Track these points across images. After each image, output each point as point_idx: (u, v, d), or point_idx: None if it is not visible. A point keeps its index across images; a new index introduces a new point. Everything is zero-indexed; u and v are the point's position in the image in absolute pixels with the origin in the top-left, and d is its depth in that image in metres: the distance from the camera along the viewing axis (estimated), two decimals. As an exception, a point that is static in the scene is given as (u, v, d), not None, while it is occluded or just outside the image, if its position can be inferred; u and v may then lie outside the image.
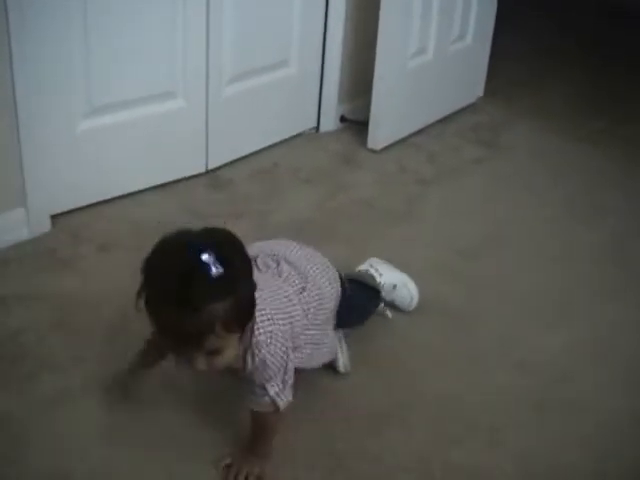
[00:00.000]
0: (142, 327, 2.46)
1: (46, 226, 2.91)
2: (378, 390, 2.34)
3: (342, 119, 3.85)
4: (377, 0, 3.38)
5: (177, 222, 2.95)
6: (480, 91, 4.25)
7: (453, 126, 3.97)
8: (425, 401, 2.33)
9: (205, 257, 1.68)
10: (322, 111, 3.80)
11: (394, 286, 2.60)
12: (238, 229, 2.94)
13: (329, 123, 3.82)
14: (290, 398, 1.99)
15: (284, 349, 1.93)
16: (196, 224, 2.93)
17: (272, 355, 1.90)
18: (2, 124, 2.68)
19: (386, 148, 3.68)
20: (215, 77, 3.24)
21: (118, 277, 2.71)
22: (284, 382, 1.96)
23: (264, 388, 1.95)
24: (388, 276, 2.61)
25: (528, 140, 3.91)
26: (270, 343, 1.89)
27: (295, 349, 2.02)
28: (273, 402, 1.97)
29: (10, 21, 2.55)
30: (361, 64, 3.68)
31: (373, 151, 3.66)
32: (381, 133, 3.65)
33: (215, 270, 1.68)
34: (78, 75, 2.85)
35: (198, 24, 3.10)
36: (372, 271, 2.60)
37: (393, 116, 3.66)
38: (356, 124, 3.80)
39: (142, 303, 1.78)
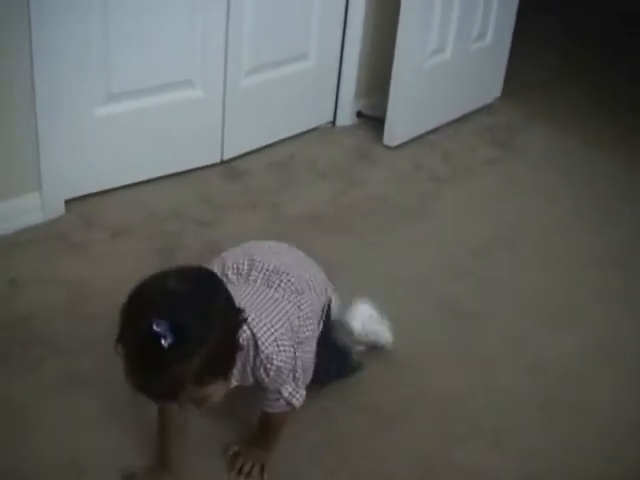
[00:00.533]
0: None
1: (60, 210, 2.93)
2: (384, 389, 2.34)
3: (359, 114, 3.85)
4: (398, -3, 3.40)
5: (191, 211, 3.01)
6: (497, 92, 4.24)
7: (469, 126, 3.97)
8: (430, 400, 2.33)
9: (156, 328, 1.60)
10: (339, 106, 3.80)
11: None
12: (251, 220, 3.01)
13: (345, 118, 3.82)
14: (304, 393, 1.98)
15: (292, 350, 1.91)
16: (210, 214, 2.97)
17: (284, 361, 1.88)
18: (19, 108, 2.70)
19: (402, 145, 3.68)
20: (233, 68, 3.25)
21: (130, 264, 2.73)
22: (295, 380, 1.95)
23: (278, 392, 1.94)
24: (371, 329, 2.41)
25: (543, 143, 3.91)
26: (280, 351, 1.87)
27: (300, 343, 1.98)
28: (288, 403, 1.96)
29: (30, 6, 2.57)
30: (379, 60, 3.68)
31: (388, 148, 3.66)
32: (397, 130, 3.65)
33: (165, 341, 1.60)
34: (97, 61, 2.86)
35: (218, 14, 3.10)
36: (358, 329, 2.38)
37: (410, 113, 3.66)
38: (372, 120, 3.80)
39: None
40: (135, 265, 2.73)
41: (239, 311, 1.79)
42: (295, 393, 1.95)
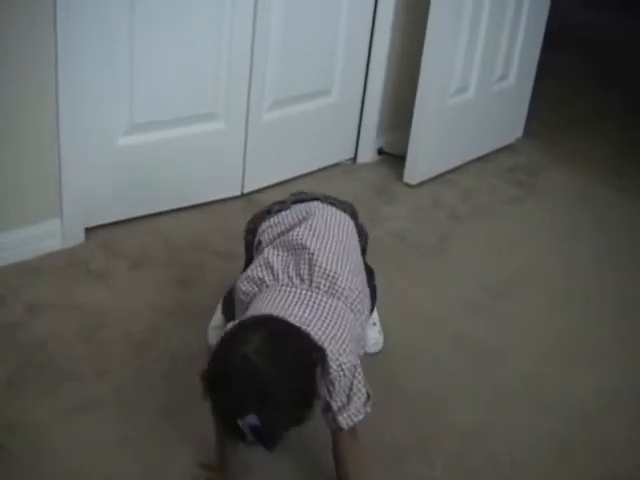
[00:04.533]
0: (169, 345, 2.49)
1: (80, 238, 2.94)
2: (400, 423, 2.33)
3: (380, 151, 3.86)
4: (422, 36, 3.41)
5: (210, 243, 3.02)
6: (519, 132, 4.25)
7: (490, 165, 3.97)
8: (447, 435, 2.32)
9: (241, 425, 1.68)
10: (360, 142, 3.82)
11: (373, 323, 2.57)
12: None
13: (366, 155, 3.84)
14: (360, 417, 1.92)
15: (352, 369, 1.87)
16: (229, 247, 2.98)
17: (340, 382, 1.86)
18: (44, 135, 2.72)
19: (422, 183, 3.69)
20: (256, 102, 3.27)
21: (148, 293, 2.74)
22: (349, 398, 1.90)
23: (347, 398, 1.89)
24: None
25: (563, 184, 3.90)
26: (341, 376, 1.85)
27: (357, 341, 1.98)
28: (365, 400, 1.91)
29: (58, 35, 2.60)
30: (402, 98, 3.70)
31: (409, 185, 3.66)
32: (418, 168, 3.66)
33: (246, 439, 1.71)
34: (121, 91, 2.88)
35: (243, 49, 3.13)
36: None
37: (431, 152, 3.67)
38: (393, 157, 3.82)
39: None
40: (153, 295, 2.74)
41: (317, 349, 1.82)
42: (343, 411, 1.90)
